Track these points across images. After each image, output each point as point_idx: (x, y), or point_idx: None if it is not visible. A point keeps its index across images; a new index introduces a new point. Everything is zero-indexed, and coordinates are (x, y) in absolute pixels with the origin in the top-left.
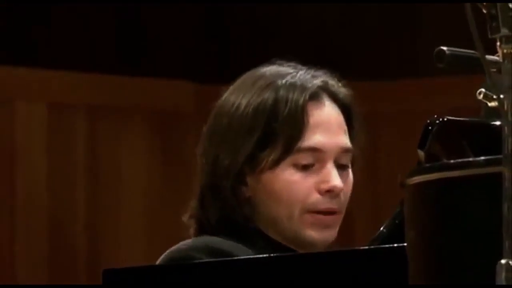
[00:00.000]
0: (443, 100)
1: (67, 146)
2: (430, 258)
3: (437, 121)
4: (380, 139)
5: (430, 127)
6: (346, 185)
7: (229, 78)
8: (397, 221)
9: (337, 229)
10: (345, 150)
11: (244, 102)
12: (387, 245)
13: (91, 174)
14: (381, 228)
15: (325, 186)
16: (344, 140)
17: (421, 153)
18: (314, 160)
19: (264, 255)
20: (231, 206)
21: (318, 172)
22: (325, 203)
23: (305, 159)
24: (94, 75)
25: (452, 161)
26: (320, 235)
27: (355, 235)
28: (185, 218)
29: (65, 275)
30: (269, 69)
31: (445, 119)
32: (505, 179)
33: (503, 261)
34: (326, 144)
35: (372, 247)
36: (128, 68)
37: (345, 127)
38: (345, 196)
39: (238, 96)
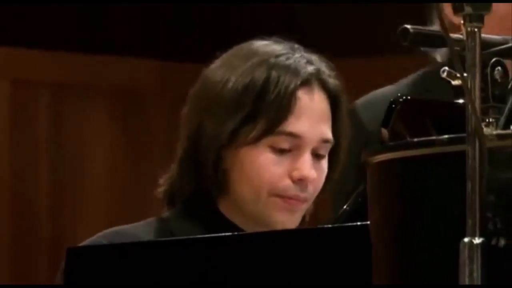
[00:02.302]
0: (402, 78)
1: (30, 123)
2: (393, 237)
3: (401, 100)
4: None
5: (393, 105)
6: (319, 175)
7: (191, 55)
8: (360, 199)
9: (301, 216)
10: (325, 141)
11: (235, 76)
12: (350, 223)
13: (54, 151)
14: (345, 206)
15: (297, 174)
16: (326, 130)
17: (384, 132)
18: (292, 146)
19: (228, 234)
20: (210, 180)
21: (293, 159)
22: (294, 190)
23: (283, 143)
24: (58, 53)
25: (415, 139)
26: (284, 218)
27: (318, 213)
28: (162, 180)
29: (28, 252)
30: (263, 45)
31: (409, 97)
32: (468, 157)
33: (466, 239)
34: (307, 132)
35: (335, 225)
36: (91, 46)
37: (329, 118)
38: (315, 187)
39: (229, 68)
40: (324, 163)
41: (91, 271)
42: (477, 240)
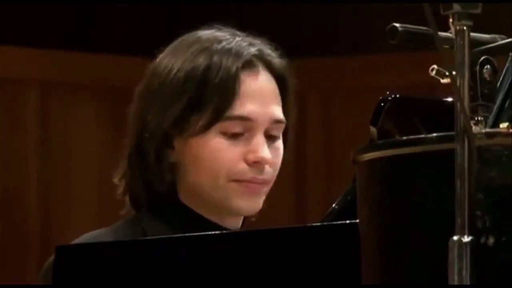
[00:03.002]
0: (395, 76)
1: (18, 121)
2: (382, 235)
3: (390, 98)
4: (333, 115)
5: (382, 104)
6: (275, 156)
7: None
8: (349, 198)
9: (263, 198)
10: (277, 121)
11: (177, 65)
12: (339, 222)
13: (42, 148)
14: (334, 205)
15: (252, 157)
16: (276, 111)
17: (373, 130)
18: (244, 129)
19: (218, 232)
20: (154, 174)
21: (246, 142)
22: (251, 173)
23: (234, 127)
24: (46, 51)
25: (404, 137)
26: (247, 203)
27: (308, 211)
28: (116, 179)
29: (17, 249)
30: (206, 33)
31: (397, 96)
32: (457, 155)
33: (455, 238)
34: (256, 114)
35: (324, 223)
36: (79, 43)
37: (279, 98)
38: (273, 167)
39: (172, 58)
40: (279, 143)
41: (80, 270)
42: (466, 239)
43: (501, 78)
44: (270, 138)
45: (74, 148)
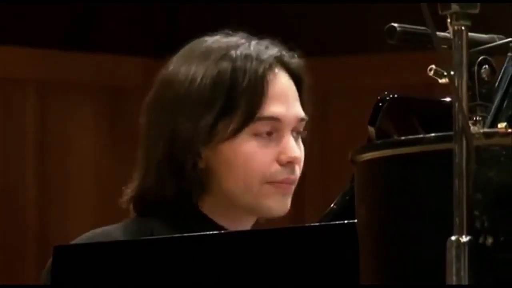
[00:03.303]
0: (393, 76)
1: (16, 121)
2: (381, 235)
3: (388, 98)
4: (331, 115)
5: (380, 104)
6: (301, 153)
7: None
8: (347, 198)
9: (290, 198)
10: (301, 120)
11: (200, 73)
12: (337, 222)
13: (41, 149)
14: (332, 205)
15: (285, 157)
16: (300, 110)
17: (371, 130)
18: (273, 129)
19: (217, 232)
20: (191, 180)
21: (276, 142)
22: (284, 174)
23: (264, 128)
24: (44, 51)
25: (402, 137)
26: (279, 204)
27: (305, 211)
28: (127, 193)
29: (14, 249)
30: (217, 40)
31: (396, 95)
32: (455, 155)
33: (453, 238)
34: (285, 114)
35: (322, 223)
36: (78, 43)
37: (298, 96)
38: (300, 166)
39: (190, 67)
40: (301, 141)
41: (78, 270)
42: (464, 239)
43: (499, 78)
44: (295, 136)
45: (73, 148)
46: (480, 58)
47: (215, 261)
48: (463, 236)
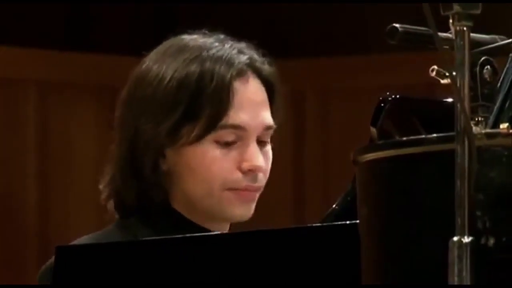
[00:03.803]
0: (393, 76)
1: (17, 121)
2: (382, 235)
3: (390, 98)
4: (332, 115)
5: (382, 104)
6: (266, 162)
7: None
8: (349, 198)
9: (254, 204)
10: (268, 128)
11: (168, 73)
12: (339, 222)
13: (42, 149)
14: (334, 205)
15: (247, 165)
16: (267, 117)
17: (373, 130)
18: (237, 138)
19: (218, 233)
20: (150, 182)
21: (240, 150)
22: (245, 181)
23: (228, 136)
24: (44, 51)
25: (404, 138)
26: (241, 210)
27: (306, 212)
28: (101, 185)
29: (15, 250)
30: (193, 39)
31: (398, 96)
32: (457, 156)
33: (455, 238)
34: (250, 123)
35: (324, 224)
36: (78, 43)
37: (268, 104)
38: (264, 174)
39: (161, 66)
40: (269, 148)
41: (80, 270)
42: (466, 239)
43: (501, 79)
44: (260, 144)
45: (73, 148)
46: (482, 58)
47: (216, 262)
48: (465, 237)
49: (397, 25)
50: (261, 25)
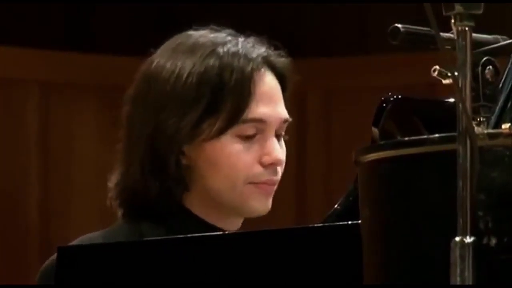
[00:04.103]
0: (395, 76)
1: (18, 121)
2: (384, 236)
3: (391, 99)
4: (334, 116)
5: (384, 105)
6: (283, 155)
7: None
8: (351, 198)
9: (271, 198)
10: (285, 121)
11: (186, 69)
12: (341, 223)
13: (43, 149)
14: (336, 206)
15: (268, 159)
16: (284, 111)
17: (375, 131)
18: (257, 131)
19: (220, 233)
20: (174, 178)
21: (260, 144)
22: (267, 175)
23: (248, 130)
24: (46, 51)
25: (406, 138)
26: (262, 204)
27: (308, 211)
28: (111, 183)
29: (17, 251)
30: (202, 35)
31: (399, 96)
32: (459, 156)
33: (457, 239)
34: (269, 116)
35: (326, 224)
36: (79, 43)
37: (282, 97)
38: (282, 167)
39: (175, 62)
40: (283, 142)
41: (82, 270)
42: (468, 239)
43: (503, 79)
44: (277, 137)
45: (75, 148)
46: (484, 59)
47: (220, 262)
48: (467, 237)
49: (399, 26)
50: (263, 26)
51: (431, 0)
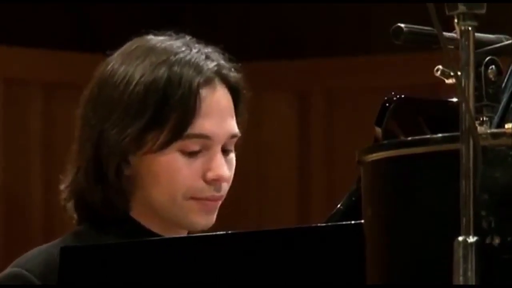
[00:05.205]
0: (398, 76)
1: (22, 121)
2: (387, 236)
3: (394, 98)
4: (337, 115)
5: (387, 104)
6: (230, 170)
7: None
8: (354, 198)
9: (216, 214)
10: (233, 136)
11: (135, 77)
12: (343, 222)
13: (47, 150)
14: (338, 205)
15: (211, 175)
16: (233, 126)
17: (378, 130)
18: (202, 146)
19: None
20: (113, 187)
21: (204, 160)
22: (209, 191)
23: (193, 146)
24: (50, 51)
25: (409, 138)
26: (204, 220)
27: (310, 211)
28: (62, 185)
29: (20, 250)
30: (159, 41)
31: (402, 96)
32: (462, 156)
33: (460, 238)
34: (215, 132)
35: (329, 224)
36: (83, 44)
37: (233, 111)
38: (228, 183)
39: (128, 68)
40: (233, 157)
41: (85, 270)
42: (471, 239)
43: (506, 79)
44: (224, 152)
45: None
46: (487, 58)
47: (222, 261)
48: (470, 237)
49: (402, 25)
50: (266, 27)
51: (434, 0)
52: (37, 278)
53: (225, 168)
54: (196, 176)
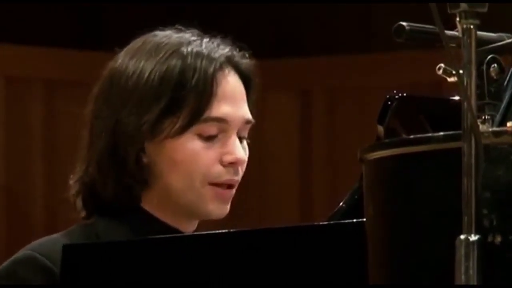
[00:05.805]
0: (399, 75)
1: (24, 120)
2: (389, 234)
3: (396, 97)
4: (338, 114)
5: (389, 103)
6: (245, 155)
7: None
8: (356, 196)
9: (230, 203)
10: (248, 122)
11: (148, 68)
12: (346, 221)
13: (49, 148)
14: (341, 204)
15: (229, 158)
16: (247, 112)
17: (380, 129)
18: (219, 131)
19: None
20: (132, 175)
21: (221, 143)
22: (227, 175)
23: (210, 129)
24: (51, 49)
25: (411, 136)
26: (218, 208)
27: (312, 209)
28: (71, 180)
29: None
30: (168, 35)
31: (404, 94)
32: (464, 154)
33: (462, 237)
34: (232, 116)
35: (331, 222)
36: (85, 42)
37: (246, 99)
38: (243, 168)
39: (139, 61)
40: (246, 145)
41: (86, 268)
42: (473, 237)
43: (508, 77)
44: (240, 139)
45: (79, 147)
46: (489, 56)
47: (224, 259)
48: (472, 235)
49: (404, 23)
50: (268, 25)
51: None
52: (50, 261)
53: (241, 150)
54: (214, 160)
